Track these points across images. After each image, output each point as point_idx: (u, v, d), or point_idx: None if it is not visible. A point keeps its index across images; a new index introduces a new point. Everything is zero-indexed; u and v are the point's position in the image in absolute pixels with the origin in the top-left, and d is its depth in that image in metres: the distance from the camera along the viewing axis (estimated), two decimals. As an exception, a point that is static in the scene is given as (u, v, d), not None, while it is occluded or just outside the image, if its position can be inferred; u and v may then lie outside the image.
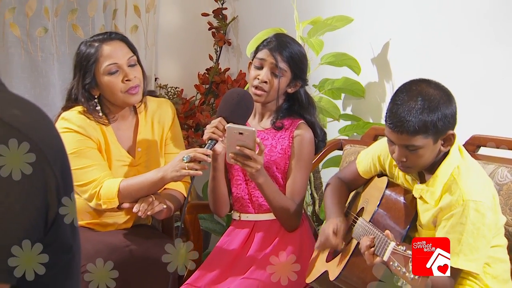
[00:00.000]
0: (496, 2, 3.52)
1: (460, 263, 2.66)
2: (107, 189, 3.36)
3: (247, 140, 3.10)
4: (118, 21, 4.70)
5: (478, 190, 2.73)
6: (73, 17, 4.65)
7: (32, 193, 1.47)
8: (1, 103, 1.53)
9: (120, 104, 3.50)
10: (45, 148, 1.51)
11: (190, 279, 3.39)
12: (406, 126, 2.66)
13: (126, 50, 3.47)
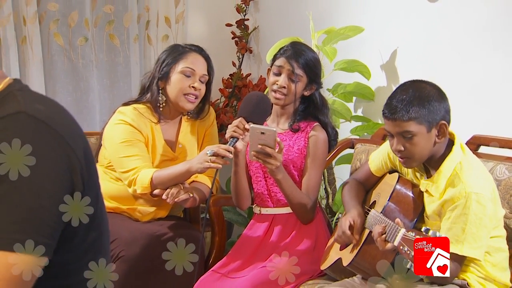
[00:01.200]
0: (494, 14, 3.50)
1: (465, 250, 2.66)
2: (142, 177, 3.40)
3: (268, 139, 3.10)
4: (150, 31, 4.71)
5: (479, 183, 2.73)
6: (110, 28, 4.66)
7: (59, 174, 1.51)
8: (26, 100, 1.57)
9: (175, 104, 3.56)
10: (67, 136, 1.55)
11: (215, 266, 3.41)
12: (399, 112, 2.71)
13: (205, 67, 3.59)
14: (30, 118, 1.51)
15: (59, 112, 1.62)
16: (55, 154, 1.50)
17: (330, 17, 4.21)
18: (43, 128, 1.51)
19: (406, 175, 2.99)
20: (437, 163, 2.81)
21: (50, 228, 1.48)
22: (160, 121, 3.58)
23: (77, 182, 1.53)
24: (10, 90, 1.61)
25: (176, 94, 3.51)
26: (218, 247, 3.66)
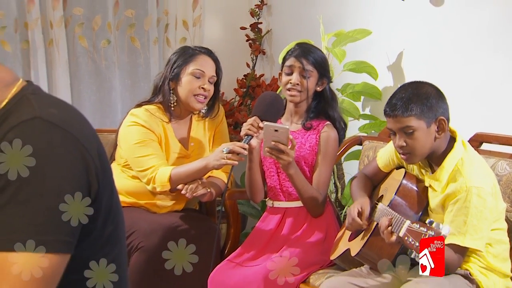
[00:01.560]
0: (495, 18, 3.51)
1: (467, 242, 2.68)
2: (161, 175, 3.41)
3: (281, 137, 3.12)
4: (169, 34, 4.70)
5: (479, 178, 2.74)
6: (131, 31, 4.67)
7: (76, 173, 1.49)
8: (40, 105, 1.54)
9: (185, 104, 3.57)
10: (81, 138, 1.53)
11: (231, 256, 3.44)
12: (399, 109, 2.75)
13: (213, 69, 3.60)
14: (46, 123, 1.49)
15: (72, 115, 1.61)
16: (72, 156, 1.49)
17: (339, 20, 4.21)
18: (59, 132, 1.49)
19: (412, 171, 3.00)
20: (439, 159, 2.82)
21: (71, 228, 1.47)
22: (171, 120, 3.59)
23: (92, 181, 1.52)
24: (23, 93, 1.59)
25: (186, 94, 3.53)
26: (233, 238, 3.68)
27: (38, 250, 1.41)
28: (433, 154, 2.83)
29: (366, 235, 2.96)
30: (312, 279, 3.25)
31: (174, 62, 3.58)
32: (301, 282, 3.26)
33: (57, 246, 1.44)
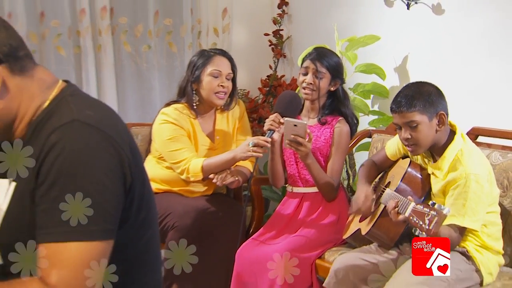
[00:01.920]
0: (490, 25, 3.51)
1: (465, 222, 2.69)
2: (194, 166, 3.43)
3: (300, 131, 3.14)
4: (201, 40, 4.70)
5: (477, 166, 2.75)
6: (169, 37, 4.66)
7: (113, 168, 1.50)
8: (78, 107, 1.55)
9: (208, 102, 3.57)
10: (115, 136, 1.53)
11: (255, 235, 3.46)
12: (404, 106, 2.75)
13: (229, 66, 3.58)
14: (83, 125, 1.48)
15: (106, 114, 1.60)
16: (108, 153, 1.49)
17: (352, 27, 4.20)
18: (95, 132, 1.49)
19: (416, 161, 3.00)
20: (441, 150, 2.82)
21: (112, 216, 1.49)
22: (197, 116, 3.59)
23: (126, 173, 1.52)
24: (63, 95, 1.59)
25: (208, 93, 3.52)
26: (257, 219, 3.69)
27: (86, 238, 1.42)
28: (435, 145, 2.83)
29: (375, 216, 2.96)
30: (326, 255, 3.28)
31: (194, 66, 3.58)
32: (317, 258, 3.29)
33: (102, 234, 1.45)
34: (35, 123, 1.54)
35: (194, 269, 3.30)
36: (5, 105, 1.53)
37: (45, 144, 1.45)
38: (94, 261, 1.44)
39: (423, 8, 3.81)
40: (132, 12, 4.53)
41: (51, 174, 1.43)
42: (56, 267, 1.41)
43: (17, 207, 1.52)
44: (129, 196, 1.53)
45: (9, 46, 1.51)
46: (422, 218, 2.54)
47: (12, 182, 1.54)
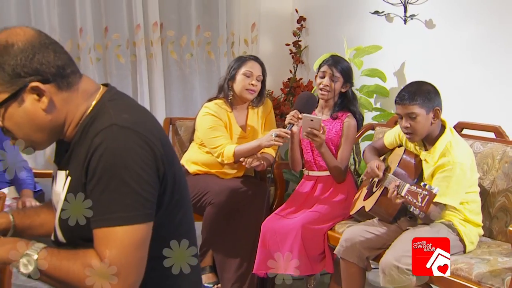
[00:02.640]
0: (473, 37, 3.49)
1: (447, 200, 2.73)
2: (228, 151, 3.46)
3: (315, 125, 3.15)
4: (234, 49, 4.70)
5: (462, 156, 2.76)
6: (208, 47, 4.67)
7: (147, 161, 1.47)
8: (115, 111, 1.52)
9: (240, 96, 3.60)
10: (148, 134, 1.50)
11: (277, 210, 3.46)
12: (406, 99, 2.76)
13: (260, 70, 3.61)
14: (120, 128, 1.46)
15: (140, 116, 1.57)
16: (143, 150, 1.47)
17: (358, 39, 4.17)
18: (131, 133, 1.47)
19: (410, 149, 2.99)
20: (433, 140, 2.83)
21: (150, 202, 1.46)
22: (233, 110, 3.60)
23: (159, 165, 1.50)
24: (103, 101, 1.56)
25: (240, 89, 3.54)
26: (279, 197, 3.68)
27: (131, 223, 1.42)
28: (428, 136, 2.83)
29: (376, 195, 2.96)
30: (336, 227, 3.26)
31: (231, 67, 3.61)
32: (329, 229, 3.28)
33: (143, 218, 1.44)
34: (82, 127, 1.53)
35: (227, 238, 3.38)
36: (53, 118, 1.51)
37: (91, 146, 1.44)
38: (138, 241, 1.44)
39: (417, 23, 3.78)
40: (178, 26, 4.55)
41: (97, 171, 1.42)
42: (107, 247, 1.41)
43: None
44: (163, 184, 1.51)
45: (56, 67, 1.48)
46: (415, 197, 2.58)
47: (68, 175, 1.54)
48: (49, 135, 1.54)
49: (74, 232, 1.53)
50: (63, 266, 1.43)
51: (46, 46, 1.48)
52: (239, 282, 3.37)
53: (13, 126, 1.50)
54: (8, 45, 1.44)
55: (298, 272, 3.22)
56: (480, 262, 2.62)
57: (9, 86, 1.44)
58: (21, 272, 1.44)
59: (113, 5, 4.29)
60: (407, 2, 3.79)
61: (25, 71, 1.44)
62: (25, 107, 1.47)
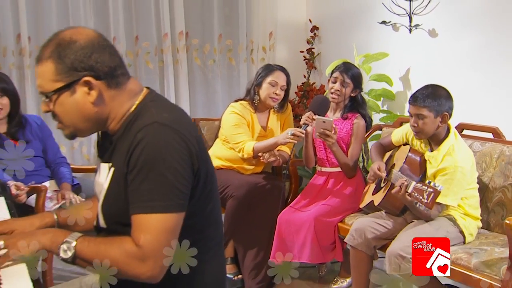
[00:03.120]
0: (472, 45, 3.48)
1: (447, 201, 2.72)
2: (247, 147, 3.49)
3: (328, 125, 3.17)
4: (253, 55, 4.68)
5: (464, 160, 2.76)
6: (229, 54, 4.66)
7: (183, 157, 1.50)
8: (157, 111, 1.56)
9: (264, 102, 3.62)
10: (185, 132, 1.53)
11: (292, 204, 3.48)
12: (418, 101, 2.76)
13: (285, 80, 3.62)
14: (161, 126, 1.49)
15: (178, 115, 1.60)
16: (180, 146, 1.49)
17: (367, 46, 4.17)
18: (170, 131, 1.50)
19: (415, 147, 2.99)
20: (438, 142, 2.83)
21: (184, 193, 1.50)
22: (256, 111, 3.63)
23: (194, 161, 1.53)
24: (146, 101, 1.60)
25: (265, 96, 3.57)
26: (294, 192, 3.70)
27: (165, 211, 1.45)
28: (434, 137, 2.83)
29: (384, 191, 2.97)
30: (346, 219, 3.28)
31: (259, 74, 3.63)
32: (339, 221, 3.29)
33: (177, 208, 1.48)
34: (126, 123, 1.57)
35: (246, 228, 3.41)
36: (98, 111, 1.56)
37: (134, 140, 1.48)
38: (170, 228, 1.47)
39: (421, 33, 3.77)
40: (201, 35, 4.56)
41: (138, 163, 1.46)
42: (142, 232, 1.44)
43: (115, 187, 1.55)
44: (196, 177, 1.54)
45: (109, 67, 1.54)
46: (421, 193, 2.57)
47: (111, 167, 1.58)
48: (93, 125, 1.59)
49: (114, 218, 1.58)
50: (100, 250, 1.47)
51: (103, 47, 1.54)
52: (256, 269, 3.39)
53: (61, 112, 1.56)
54: (71, 41, 1.51)
55: (311, 260, 3.24)
56: (478, 252, 2.63)
57: (65, 76, 1.51)
58: (61, 258, 1.49)
59: (143, 16, 4.31)
60: (412, 13, 3.78)
61: (82, 66, 1.51)
62: (76, 97, 1.53)
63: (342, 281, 3.46)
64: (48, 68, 1.52)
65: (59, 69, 1.51)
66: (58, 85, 1.52)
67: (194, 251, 1.55)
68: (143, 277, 1.45)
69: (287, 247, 3.30)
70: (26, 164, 3.33)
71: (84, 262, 1.48)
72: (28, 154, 3.36)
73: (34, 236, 1.52)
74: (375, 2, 4.05)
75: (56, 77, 1.51)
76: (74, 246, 1.48)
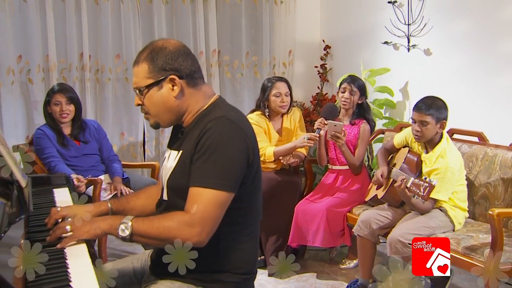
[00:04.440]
0: (461, 62, 3.47)
1: (439, 196, 2.71)
2: (269, 151, 3.44)
3: (338, 129, 3.17)
4: (275, 70, 4.70)
5: (454, 161, 2.75)
6: (255, 68, 4.67)
7: (242, 148, 1.54)
8: (225, 109, 1.61)
9: (275, 111, 3.55)
10: (245, 129, 1.59)
11: (307, 196, 3.47)
12: (423, 110, 2.73)
13: (286, 87, 3.53)
14: (228, 120, 1.55)
15: (241, 116, 1.64)
16: (240, 139, 1.54)
17: (372, 62, 4.17)
18: (234, 126, 1.55)
19: (414, 149, 2.98)
20: (433, 145, 2.82)
21: (237, 178, 1.54)
22: (270, 120, 3.57)
23: (250, 153, 1.56)
24: (217, 103, 1.65)
25: (274, 107, 3.50)
26: (308, 186, 3.68)
27: (219, 188, 1.50)
28: (430, 141, 2.83)
29: (386, 186, 2.97)
30: (354, 210, 3.29)
31: (264, 89, 3.54)
32: (347, 212, 3.30)
33: (229, 188, 1.52)
34: (198, 118, 1.63)
35: (268, 217, 3.34)
36: (179, 104, 1.62)
37: (204, 128, 1.54)
38: (220, 203, 1.51)
39: (418, 51, 3.78)
40: (231, 52, 4.58)
41: (204, 146, 1.51)
42: (196, 202, 1.49)
43: (181, 165, 1.60)
44: (249, 168, 1.58)
45: (190, 70, 1.61)
46: (419, 188, 2.58)
47: (179, 152, 1.63)
48: (173, 116, 1.65)
49: (176, 191, 1.62)
50: (153, 223, 1.52)
51: (187, 54, 1.64)
52: (276, 252, 3.38)
53: (149, 104, 1.63)
54: (163, 48, 1.61)
55: (323, 244, 3.26)
56: (465, 238, 2.65)
57: (155, 74, 1.60)
58: (120, 237, 1.53)
59: (183, 36, 4.33)
60: (410, 35, 3.79)
61: (169, 67, 1.59)
62: (162, 92, 1.61)
63: (349, 262, 3.47)
64: (143, 68, 1.60)
65: (152, 69, 1.59)
66: (149, 81, 1.59)
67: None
68: (191, 241, 1.48)
69: (303, 233, 3.31)
70: (85, 160, 3.42)
71: (141, 237, 1.52)
72: (87, 152, 3.45)
73: (95, 223, 1.56)
74: (379, 25, 4.07)
75: (149, 75, 1.59)
76: (131, 225, 1.51)
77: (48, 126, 3.38)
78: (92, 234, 1.54)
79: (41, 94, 3.98)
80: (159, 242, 1.51)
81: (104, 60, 4.18)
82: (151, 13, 4.26)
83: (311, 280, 3.26)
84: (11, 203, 1.67)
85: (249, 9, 4.58)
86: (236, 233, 1.62)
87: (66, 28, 4.04)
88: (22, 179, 1.85)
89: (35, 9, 3.94)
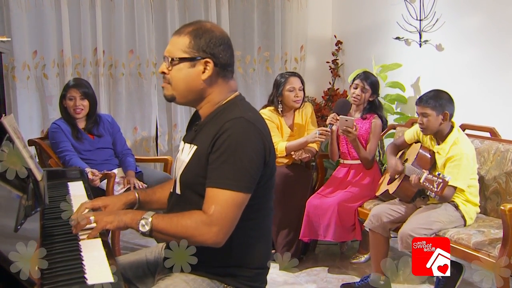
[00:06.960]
0: (472, 58, 3.46)
1: (458, 184, 2.71)
2: (281, 146, 3.45)
3: (350, 124, 3.18)
4: (287, 65, 4.70)
5: (467, 149, 2.76)
6: (267, 64, 4.67)
7: (259, 149, 1.55)
8: (243, 108, 1.62)
9: (289, 106, 3.56)
10: (262, 129, 1.59)
11: (319, 191, 3.48)
12: (423, 102, 2.78)
13: (299, 82, 3.54)
14: (246, 121, 1.54)
15: (258, 116, 1.64)
16: (257, 140, 1.55)
17: (383, 58, 4.16)
18: (252, 126, 1.55)
19: (425, 143, 2.97)
20: (443, 137, 2.83)
21: (254, 178, 1.54)
22: (282, 115, 3.58)
23: (266, 153, 1.57)
24: (236, 100, 1.64)
25: (288, 101, 3.51)
26: (320, 180, 3.68)
27: (236, 189, 1.50)
28: (439, 133, 2.83)
29: (398, 181, 2.96)
30: (365, 205, 3.29)
31: (277, 85, 3.55)
32: (359, 206, 3.30)
33: (246, 189, 1.52)
34: (216, 111, 1.62)
35: (280, 211, 3.39)
36: (203, 88, 1.62)
37: (221, 128, 1.53)
38: (237, 204, 1.51)
39: (429, 47, 3.77)
40: (243, 48, 4.58)
41: (222, 147, 1.51)
42: (213, 203, 1.49)
43: (195, 162, 1.60)
44: (265, 168, 1.58)
45: (226, 61, 1.61)
46: (432, 183, 2.58)
47: (193, 146, 1.63)
48: (192, 97, 1.64)
49: (188, 185, 1.63)
50: (172, 221, 1.53)
51: (229, 46, 1.64)
52: (287, 246, 3.40)
53: (175, 77, 1.61)
54: (211, 30, 1.61)
55: (334, 239, 3.27)
56: (477, 233, 2.64)
57: (193, 51, 1.59)
58: (140, 232, 1.54)
59: None
60: (421, 30, 3.78)
61: (209, 50, 1.59)
62: (193, 70, 1.59)
63: (360, 257, 3.48)
64: (184, 41, 1.59)
65: (192, 44, 1.58)
66: (185, 55, 1.58)
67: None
68: (208, 242, 1.49)
69: (314, 227, 3.32)
70: (99, 154, 3.44)
71: (160, 233, 1.53)
72: (101, 146, 3.47)
73: (118, 215, 1.57)
74: (391, 20, 4.05)
75: (187, 49, 1.58)
76: (151, 221, 1.53)
77: (63, 120, 3.41)
78: (115, 226, 1.56)
79: (55, 89, 4.02)
80: (177, 240, 1.53)
81: (118, 56, 4.20)
82: (164, 8, 4.27)
83: (322, 274, 3.27)
84: (27, 196, 1.69)
85: (261, 4, 4.57)
86: (249, 228, 1.63)
87: (80, 24, 4.07)
88: (37, 172, 1.87)
89: (50, 5, 3.97)
